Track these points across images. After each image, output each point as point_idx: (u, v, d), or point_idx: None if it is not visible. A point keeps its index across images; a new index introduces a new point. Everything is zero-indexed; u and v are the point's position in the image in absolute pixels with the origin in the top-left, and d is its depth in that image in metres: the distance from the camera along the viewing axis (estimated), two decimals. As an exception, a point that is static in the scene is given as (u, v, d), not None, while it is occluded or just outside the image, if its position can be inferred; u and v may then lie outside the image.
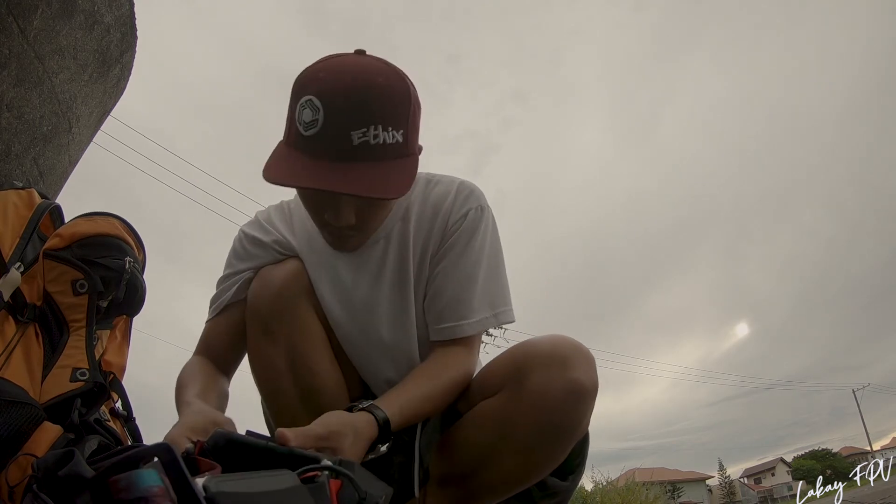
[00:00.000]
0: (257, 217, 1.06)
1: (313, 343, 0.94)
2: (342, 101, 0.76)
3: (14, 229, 0.97)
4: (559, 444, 0.83)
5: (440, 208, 0.96)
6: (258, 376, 0.97)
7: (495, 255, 0.98)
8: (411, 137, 0.82)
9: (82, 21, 1.26)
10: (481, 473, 0.87)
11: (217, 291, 1.02)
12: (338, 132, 0.76)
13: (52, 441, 0.79)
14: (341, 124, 0.76)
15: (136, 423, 1.08)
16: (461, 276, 0.93)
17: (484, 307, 0.94)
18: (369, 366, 1.00)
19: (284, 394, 0.93)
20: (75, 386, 0.91)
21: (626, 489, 5.47)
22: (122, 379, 1.09)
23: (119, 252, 1.05)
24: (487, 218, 0.98)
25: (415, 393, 0.84)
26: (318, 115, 0.76)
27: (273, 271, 0.95)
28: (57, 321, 0.96)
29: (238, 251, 1.02)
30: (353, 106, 0.76)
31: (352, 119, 0.76)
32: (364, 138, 0.76)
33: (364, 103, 0.76)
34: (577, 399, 0.78)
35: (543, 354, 0.80)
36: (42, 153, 1.25)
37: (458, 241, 0.94)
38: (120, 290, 1.03)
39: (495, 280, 0.97)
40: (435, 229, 0.96)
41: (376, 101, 0.77)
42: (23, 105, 1.15)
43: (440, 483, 0.93)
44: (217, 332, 1.00)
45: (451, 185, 0.98)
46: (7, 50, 1.08)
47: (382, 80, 0.79)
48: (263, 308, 0.92)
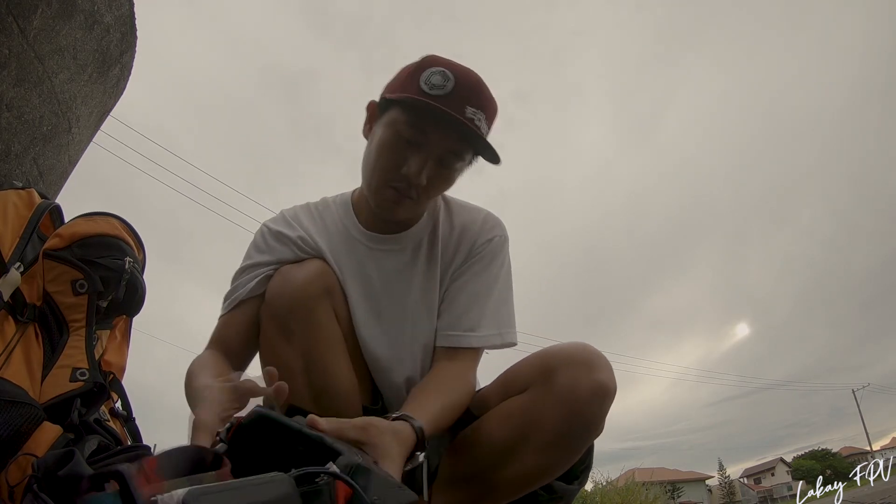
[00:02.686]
0: (283, 214, 1.07)
1: (330, 345, 0.94)
2: (469, 81, 0.90)
3: (14, 229, 0.97)
4: (580, 441, 0.87)
5: (468, 231, 1.05)
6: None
7: (507, 281, 1.06)
8: (489, 133, 0.93)
9: (82, 21, 1.26)
10: (499, 471, 0.88)
11: (233, 286, 1.02)
12: (459, 101, 0.87)
13: (52, 441, 0.79)
14: (464, 96, 0.88)
15: (135, 422, 1.08)
16: (476, 291, 1.00)
17: (491, 325, 0.99)
18: (387, 369, 1.00)
19: (297, 394, 0.91)
20: (75, 386, 0.91)
21: (625, 489, 5.46)
22: (121, 379, 1.09)
23: (119, 252, 1.05)
24: (507, 247, 1.08)
25: (438, 403, 0.85)
26: (448, 83, 0.88)
27: (295, 270, 0.95)
28: (57, 321, 0.96)
29: (259, 244, 1.03)
30: (475, 88, 0.90)
31: (472, 96, 0.89)
32: (473, 116, 0.88)
33: (481, 91, 0.91)
34: (601, 398, 0.83)
35: (570, 356, 0.86)
36: (42, 153, 1.25)
37: (480, 260, 1.03)
38: (120, 290, 1.03)
39: (504, 303, 1.03)
40: (461, 248, 1.04)
41: (487, 94, 0.91)
42: (23, 105, 1.15)
43: (450, 483, 0.93)
44: (232, 328, 0.99)
45: (479, 213, 1.09)
46: (7, 50, 1.08)
47: (489, 88, 0.93)
48: (283, 306, 0.92)
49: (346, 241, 1.02)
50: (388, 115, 0.93)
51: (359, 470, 0.50)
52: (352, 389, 0.97)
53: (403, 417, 0.76)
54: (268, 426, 0.56)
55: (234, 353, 0.98)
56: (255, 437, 0.56)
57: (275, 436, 0.56)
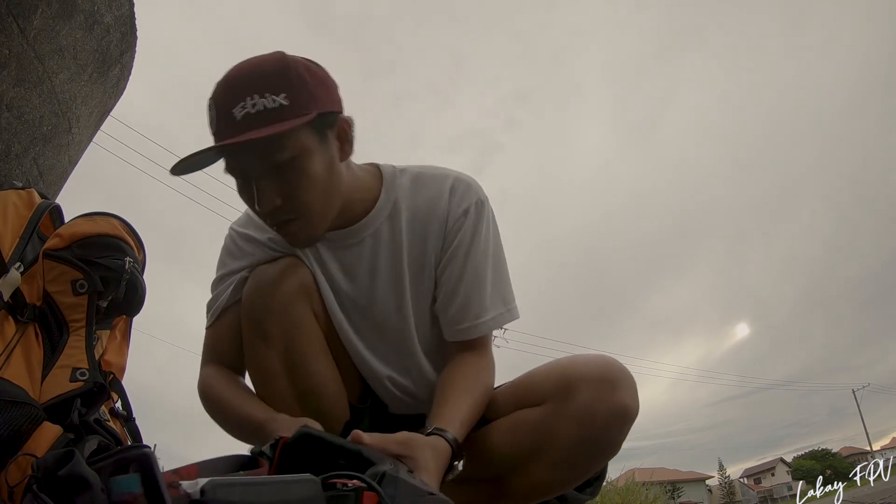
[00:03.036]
0: (248, 214, 1.02)
1: (310, 343, 0.92)
2: (222, 89, 0.80)
3: (14, 229, 0.97)
4: (595, 462, 0.84)
5: (436, 206, 0.94)
6: (254, 378, 0.95)
7: (498, 250, 0.99)
8: (300, 98, 0.80)
9: (82, 21, 1.26)
10: (509, 479, 0.87)
11: (213, 295, 1.00)
12: (224, 116, 0.78)
13: (52, 441, 0.79)
14: (224, 108, 0.78)
15: (135, 422, 1.08)
16: (471, 276, 0.94)
17: (497, 303, 0.96)
18: (370, 364, 0.99)
19: (281, 396, 0.91)
20: (75, 386, 0.91)
21: (625, 489, 5.45)
22: (122, 379, 1.09)
23: (119, 252, 1.05)
24: (488, 212, 0.97)
25: (463, 406, 0.84)
26: (213, 112, 0.80)
27: (267, 269, 0.93)
28: (57, 321, 0.96)
29: (231, 250, 1.00)
30: (229, 88, 0.79)
31: (229, 99, 0.78)
32: (243, 110, 0.77)
33: (237, 80, 0.80)
34: (622, 422, 0.79)
35: (594, 374, 0.81)
36: (42, 153, 1.25)
37: (462, 241, 0.94)
38: (119, 290, 1.03)
39: (502, 275, 0.98)
40: (433, 229, 0.94)
41: (248, 75, 0.80)
42: (23, 105, 1.15)
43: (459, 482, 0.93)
44: (221, 339, 0.98)
45: (444, 181, 0.96)
46: (7, 50, 1.08)
47: (254, 60, 0.82)
48: (258, 307, 0.91)
49: None
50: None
51: (386, 477, 0.51)
52: (337, 389, 0.96)
53: (436, 432, 0.76)
54: (311, 443, 0.58)
55: (231, 363, 0.98)
56: (299, 455, 0.58)
57: (318, 452, 0.58)
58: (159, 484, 0.37)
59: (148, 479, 0.37)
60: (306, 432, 0.58)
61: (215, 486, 0.37)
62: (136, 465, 0.39)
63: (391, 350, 0.99)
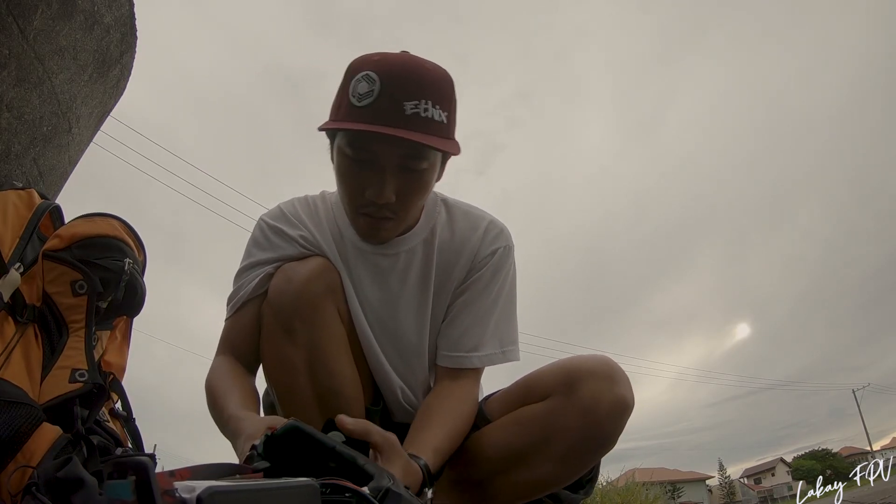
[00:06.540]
0: (281, 208, 1.04)
1: (335, 344, 0.93)
2: (398, 74, 0.81)
3: (14, 230, 0.97)
4: (595, 454, 0.88)
5: (468, 241, 1.01)
6: (272, 374, 0.95)
7: (512, 294, 1.03)
8: (452, 122, 0.87)
9: (82, 21, 1.26)
10: (508, 476, 0.89)
11: (236, 287, 1.00)
12: (392, 101, 0.80)
13: (52, 442, 0.79)
14: (396, 94, 0.80)
15: (135, 423, 1.08)
16: (479, 310, 0.98)
17: (494, 343, 0.98)
18: (385, 371, 1.00)
19: (300, 394, 0.92)
20: (74, 387, 0.90)
21: (625, 489, 5.45)
22: (122, 379, 1.09)
23: (118, 253, 1.05)
24: (512, 259, 1.03)
25: (442, 432, 0.85)
26: (374, 86, 0.80)
27: (298, 267, 0.93)
28: (56, 322, 0.96)
29: (259, 241, 1.01)
30: (407, 79, 0.81)
31: (405, 90, 0.80)
32: (416, 109, 0.80)
33: (418, 77, 0.82)
34: (621, 412, 0.84)
35: (594, 369, 0.86)
36: (42, 153, 1.25)
37: (482, 276, 0.99)
38: (119, 291, 1.03)
39: (508, 319, 1.02)
40: (462, 260, 1.00)
41: (427, 78, 0.83)
42: (23, 105, 1.15)
43: (455, 484, 0.93)
44: (239, 330, 0.98)
45: (480, 221, 1.03)
46: (7, 50, 1.08)
47: (430, 65, 0.85)
48: (286, 305, 0.91)
49: (339, 242, 1.00)
50: (336, 139, 0.89)
51: (389, 494, 0.49)
52: (356, 391, 0.96)
53: (411, 455, 0.76)
54: (301, 439, 0.56)
55: (245, 356, 0.98)
56: (286, 449, 0.56)
57: (307, 450, 0.56)
58: (154, 494, 0.36)
59: (142, 488, 0.36)
60: (296, 426, 0.56)
61: (212, 493, 0.35)
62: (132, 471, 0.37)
63: (404, 363, 1.01)
